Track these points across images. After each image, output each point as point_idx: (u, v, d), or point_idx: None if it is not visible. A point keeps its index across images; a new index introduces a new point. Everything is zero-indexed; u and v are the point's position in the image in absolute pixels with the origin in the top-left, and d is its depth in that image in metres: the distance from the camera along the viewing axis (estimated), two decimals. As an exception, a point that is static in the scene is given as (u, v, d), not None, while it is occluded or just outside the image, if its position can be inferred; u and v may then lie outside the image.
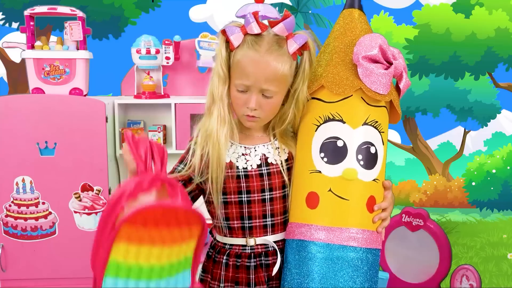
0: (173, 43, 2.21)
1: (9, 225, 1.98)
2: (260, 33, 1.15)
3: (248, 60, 1.14)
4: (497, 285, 2.99)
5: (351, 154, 1.14)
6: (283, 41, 1.15)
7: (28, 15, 1.99)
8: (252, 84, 1.14)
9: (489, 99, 3.14)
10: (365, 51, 1.13)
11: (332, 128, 1.16)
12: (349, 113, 1.15)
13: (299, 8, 2.90)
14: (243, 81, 1.15)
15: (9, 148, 1.93)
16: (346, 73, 1.16)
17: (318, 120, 1.17)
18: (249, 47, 1.14)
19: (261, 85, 1.14)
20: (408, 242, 2.36)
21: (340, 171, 1.14)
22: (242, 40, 1.15)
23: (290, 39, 1.15)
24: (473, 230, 3.17)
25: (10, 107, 1.93)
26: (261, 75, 1.13)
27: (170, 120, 2.16)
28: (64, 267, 2.01)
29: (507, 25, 2.99)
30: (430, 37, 3.02)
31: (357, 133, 1.15)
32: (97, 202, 1.99)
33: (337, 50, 1.20)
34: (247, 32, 1.15)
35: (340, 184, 1.14)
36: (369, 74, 1.13)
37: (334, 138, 1.15)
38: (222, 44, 1.18)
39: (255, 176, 1.22)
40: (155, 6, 2.84)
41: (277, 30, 1.15)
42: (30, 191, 1.96)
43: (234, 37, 1.15)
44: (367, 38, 1.15)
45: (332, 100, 1.16)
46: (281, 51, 1.15)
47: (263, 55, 1.13)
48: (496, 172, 3.19)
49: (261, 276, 1.23)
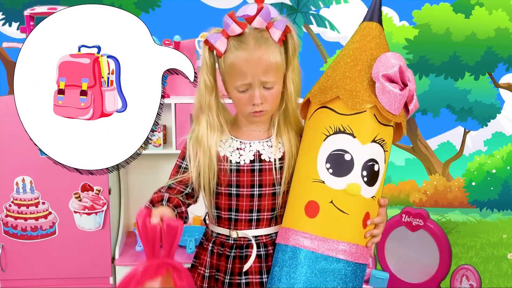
0: (173, 43, 2.21)
1: (9, 225, 1.98)
2: (241, 32, 1.18)
3: (240, 60, 1.17)
4: (497, 285, 2.99)
5: (357, 169, 1.15)
6: (265, 32, 1.19)
7: (28, 15, 1.99)
8: (251, 80, 1.17)
9: (489, 99, 3.14)
10: (385, 69, 1.13)
11: (341, 140, 1.15)
12: (360, 128, 1.15)
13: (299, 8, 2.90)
14: (243, 81, 1.18)
15: (9, 148, 1.93)
16: (363, 88, 1.15)
17: (328, 130, 1.17)
18: (237, 49, 1.17)
19: (260, 78, 1.17)
20: (408, 242, 2.36)
21: (344, 184, 1.14)
22: (226, 44, 1.18)
23: (271, 28, 1.19)
24: (473, 230, 3.17)
25: (10, 107, 1.93)
26: (258, 69, 1.16)
27: (170, 120, 2.16)
28: (64, 267, 2.01)
29: (507, 25, 2.99)
30: (430, 37, 3.02)
31: (365, 149, 1.15)
32: (97, 202, 1.99)
33: (356, 62, 1.18)
34: (229, 35, 1.18)
35: (342, 198, 1.15)
36: (386, 93, 1.14)
37: (342, 151, 1.15)
38: (206, 53, 1.21)
39: (247, 171, 1.25)
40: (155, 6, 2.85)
41: (256, 24, 1.18)
42: (30, 191, 1.96)
43: (219, 44, 1.18)
44: (389, 56, 1.15)
45: (344, 113, 1.16)
46: (268, 42, 1.18)
47: (253, 51, 1.16)
48: (496, 172, 3.19)
49: (236, 267, 1.27)
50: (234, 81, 1.19)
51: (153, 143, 2.17)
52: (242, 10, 2.24)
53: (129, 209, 2.39)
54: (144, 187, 2.40)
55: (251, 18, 1.18)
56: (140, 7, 2.85)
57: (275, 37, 1.18)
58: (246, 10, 2.20)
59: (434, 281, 2.34)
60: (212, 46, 1.19)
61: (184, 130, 2.14)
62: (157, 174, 2.41)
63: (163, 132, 2.20)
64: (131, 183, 2.38)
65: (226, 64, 1.19)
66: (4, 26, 2.77)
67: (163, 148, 2.19)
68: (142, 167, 2.38)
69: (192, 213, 2.43)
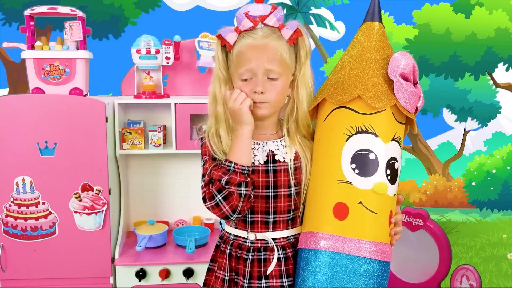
0: (173, 43, 2.21)
1: (9, 225, 1.98)
2: (252, 26, 1.20)
3: (247, 47, 1.18)
4: (497, 285, 2.99)
5: (381, 168, 1.15)
6: (276, 31, 1.20)
7: (28, 15, 1.99)
8: (255, 66, 1.17)
9: (489, 99, 3.14)
10: (400, 68, 1.14)
11: (364, 140, 1.15)
12: (381, 127, 1.16)
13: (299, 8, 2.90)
14: (246, 66, 1.18)
15: (9, 148, 1.93)
16: (382, 87, 1.16)
17: (350, 130, 1.16)
18: (245, 38, 1.20)
19: (264, 65, 1.17)
20: (408, 242, 2.36)
21: (371, 184, 1.14)
22: (237, 37, 1.20)
23: (283, 28, 1.20)
24: (473, 230, 3.17)
25: (10, 107, 1.93)
26: (263, 55, 1.17)
27: (170, 120, 2.16)
28: (64, 267, 2.01)
29: (507, 25, 2.99)
30: (430, 37, 3.02)
31: (387, 147, 1.16)
32: (97, 202, 1.99)
33: (368, 62, 1.18)
34: (241, 30, 1.20)
35: (370, 197, 1.15)
36: (404, 92, 1.15)
37: (367, 150, 1.15)
38: (218, 48, 1.22)
39: (261, 172, 1.23)
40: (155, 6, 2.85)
41: (268, 21, 1.20)
42: (30, 191, 1.96)
43: (229, 37, 1.20)
44: (402, 55, 1.16)
45: (365, 112, 1.15)
46: (277, 36, 1.20)
47: (261, 39, 1.19)
48: (496, 172, 3.19)
49: (255, 271, 1.24)
50: (239, 68, 1.19)
51: (153, 143, 2.17)
52: (243, 9, 2.24)
53: (129, 209, 2.39)
54: (144, 187, 2.41)
55: (264, 16, 1.20)
56: (140, 7, 2.85)
57: (285, 36, 1.19)
58: (247, 9, 2.21)
59: (434, 281, 2.34)
60: (223, 39, 1.20)
61: (184, 130, 2.15)
62: (157, 174, 2.41)
63: (163, 132, 2.20)
64: (131, 183, 2.38)
65: (234, 54, 1.21)
66: (4, 26, 2.77)
67: (163, 148, 2.19)
68: (142, 167, 2.38)
69: (192, 213, 2.44)
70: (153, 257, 2.09)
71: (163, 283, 2.06)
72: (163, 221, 2.37)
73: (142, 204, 2.42)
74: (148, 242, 2.14)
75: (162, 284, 2.06)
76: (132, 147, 2.16)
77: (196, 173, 2.40)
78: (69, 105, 1.94)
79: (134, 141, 2.16)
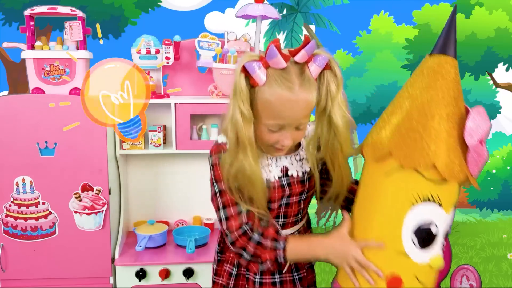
0: (173, 43, 2.21)
1: (9, 225, 1.98)
2: (285, 67, 1.08)
3: (282, 101, 1.08)
4: (497, 285, 3.00)
5: (439, 240, 1.09)
6: (305, 67, 1.10)
7: (28, 15, 1.99)
8: (288, 123, 1.11)
9: (489, 99, 3.15)
10: (479, 134, 1.02)
11: (429, 211, 1.06)
12: (446, 196, 1.06)
13: (299, 8, 2.90)
14: (278, 121, 1.11)
15: (9, 148, 1.93)
16: (456, 153, 1.03)
17: (416, 199, 1.05)
18: (279, 85, 1.07)
19: (298, 122, 1.11)
20: (408, 242, 2.36)
21: (428, 258, 1.08)
22: (266, 75, 1.08)
23: (310, 63, 1.10)
24: (473, 230, 3.18)
25: (10, 107, 1.93)
26: (299, 114, 1.10)
27: (170, 120, 2.16)
28: (64, 267, 2.01)
29: (507, 25, 2.99)
30: (430, 37, 3.02)
31: (447, 217, 1.09)
32: (97, 202, 1.99)
33: (441, 114, 1.03)
34: (270, 65, 1.08)
35: (426, 272, 1.09)
36: (478, 162, 1.03)
37: (430, 222, 1.07)
38: (240, 80, 1.10)
39: (277, 187, 1.22)
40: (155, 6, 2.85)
41: (299, 58, 1.09)
42: (30, 191, 1.96)
43: (258, 75, 1.08)
44: (482, 115, 1.03)
45: (434, 178, 1.03)
46: (309, 80, 1.09)
47: (297, 93, 1.07)
48: (496, 172, 3.20)
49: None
50: (268, 118, 1.11)
51: (153, 143, 2.17)
52: (242, 10, 2.24)
53: (129, 209, 2.39)
54: (144, 187, 2.41)
55: (295, 51, 1.09)
56: (140, 7, 2.86)
57: (314, 74, 1.10)
58: (246, 11, 2.21)
59: (434, 281, 2.34)
60: (250, 76, 1.09)
61: (184, 130, 2.15)
62: (157, 174, 2.41)
63: (163, 132, 2.20)
64: (131, 183, 2.38)
65: (263, 97, 1.09)
66: (4, 26, 2.77)
67: (163, 148, 2.19)
68: (142, 167, 2.38)
69: (192, 213, 2.44)
70: (153, 257, 2.09)
71: (163, 283, 2.06)
72: (163, 221, 2.37)
73: (142, 204, 2.41)
74: (148, 242, 2.14)
75: (162, 284, 2.06)
76: (132, 147, 2.16)
77: (196, 173, 2.41)
78: (69, 105, 1.94)
79: (134, 141, 2.16)
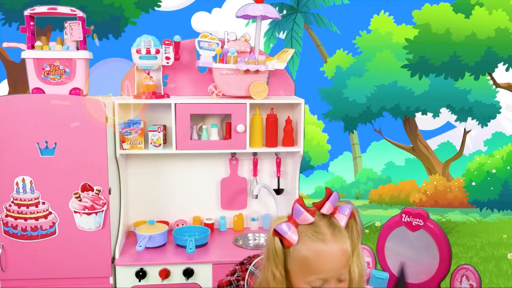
0: (173, 43, 2.21)
1: (9, 225, 1.98)
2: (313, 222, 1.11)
3: (318, 253, 1.09)
4: (497, 285, 3.00)
5: None
6: (332, 218, 1.13)
7: (28, 15, 1.99)
8: (329, 276, 1.10)
9: (489, 99, 3.15)
10: None
11: None
12: None
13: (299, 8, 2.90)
14: (319, 276, 1.10)
15: (9, 148, 1.93)
16: None
17: None
18: (312, 239, 1.10)
19: (339, 273, 1.11)
20: (408, 242, 2.35)
21: None
22: (297, 234, 1.10)
23: (337, 214, 1.13)
24: (473, 230, 3.18)
25: (10, 107, 1.93)
26: (337, 264, 1.10)
27: (170, 120, 2.16)
28: (64, 267, 2.01)
29: (507, 25, 2.99)
30: (430, 37, 3.02)
31: None
32: (97, 202, 1.99)
33: None
34: (298, 223, 1.11)
35: None
36: None
37: None
38: (275, 243, 1.11)
39: None
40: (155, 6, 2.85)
41: (326, 210, 1.12)
42: (30, 191, 1.96)
43: (290, 235, 1.10)
44: None
45: None
46: (340, 230, 1.12)
47: (331, 244, 1.09)
48: (496, 172, 3.20)
49: None
50: (308, 275, 1.11)
51: (153, 143, 2.17)
52: (242, 10, 2.24)
53: (129, 209, 2.39)
54: (144, 187, 2.41)
55: (320, 204, 1.12)
56: (140, 7, 2.86)
57: (342, 223, 1.12)
58: (246, 11, 2.21)
59: (434, 281, 2.33)
60: (283, 237, 1.10)
61: (184, 130, 2.15)
62: (157, 174, 2.41)
63: (163, 132, 2.20)
64: (131, 183, 2.38)
65: (300, 255, 1.11)
66: (4, 26, 2.77)
67: (163, 148, 2.19)
68: (142, 167, 2.38)
69: (192, 213, 2.44)
70: (153, 257, 2.09)
71: (163, 283, 2.06)
72: (163, 221, 2.37)
73: (142, 204, 2.42)
74: (148, 242, 2.14)
75: (162, 284, 2.06)
76: (132, 147, 2.16)
77: (196, 173, 2.41)
78: (69, 105, 1.94)
79: (134, 141, 2.16)
